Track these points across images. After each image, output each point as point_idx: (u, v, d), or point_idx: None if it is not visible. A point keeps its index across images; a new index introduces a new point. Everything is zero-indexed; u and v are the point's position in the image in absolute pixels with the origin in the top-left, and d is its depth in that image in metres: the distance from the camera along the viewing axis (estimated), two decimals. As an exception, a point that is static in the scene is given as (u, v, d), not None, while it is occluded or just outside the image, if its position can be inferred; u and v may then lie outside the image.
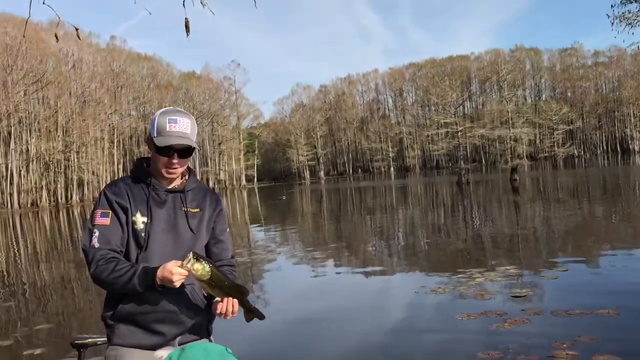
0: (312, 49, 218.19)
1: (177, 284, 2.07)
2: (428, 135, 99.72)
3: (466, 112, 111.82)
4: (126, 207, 2.25)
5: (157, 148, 2.27)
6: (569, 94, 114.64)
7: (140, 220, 2.24)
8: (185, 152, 2.28)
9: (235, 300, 2.17)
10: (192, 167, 2.52)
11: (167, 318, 2.22)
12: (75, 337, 2.74)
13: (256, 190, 61.42)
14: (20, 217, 47.31)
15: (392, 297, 7.39)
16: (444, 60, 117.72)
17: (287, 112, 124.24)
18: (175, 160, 2.27)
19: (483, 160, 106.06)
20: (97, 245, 2.19)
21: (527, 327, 5.43)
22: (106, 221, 2.23)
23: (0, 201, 59.80)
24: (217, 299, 2.18)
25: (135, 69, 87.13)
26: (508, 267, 8.38)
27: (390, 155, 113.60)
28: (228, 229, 2.51)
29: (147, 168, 2.37)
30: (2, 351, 6.15)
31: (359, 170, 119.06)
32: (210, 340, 2.38)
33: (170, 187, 2.35)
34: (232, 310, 2.17)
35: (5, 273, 13.27)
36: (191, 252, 2.05)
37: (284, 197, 42.86)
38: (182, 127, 2.26)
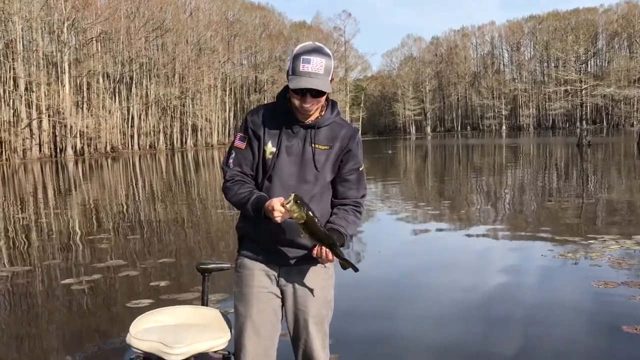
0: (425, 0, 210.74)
1: (277, 220, 2.16)
2: (546, 93, 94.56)
3: (589, 69, 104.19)
4: (259, 135, 2.34)
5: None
6: None
7: (269, 150, 2.32)
8: (317, 92, 2.23)
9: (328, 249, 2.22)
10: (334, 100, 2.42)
11: (280, 242, 2.33)
12: (200, 262, 2.90)
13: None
14: (139, 158, 50.38)
15: (518, 259, 6.91)
16: (568, 13, 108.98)
17: (396, 64, 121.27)
18: (307, 104, 2.24)
19: (604, 122, 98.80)
20: (231, 165, 2.38)
21: (678, 302, 4.84)
22: (242, 145, 2.37)
23: (122, 142, 63.88)
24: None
25: (249, 19, 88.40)
26: (647, 236, 7.60)
27: (503, 112, 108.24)
28: (361, 168, 2.43)
29: (288, 98, 2.33)
30: (130, 281, 6.43)
31: (468, 127, 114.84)
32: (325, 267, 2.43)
33: (305, 120, 2.33)
34: (326, 257, 2.22)
35: (126, 209, 14.09)
36: (293, 194, 2.11)
37: (389, 152, 42.35)
38: (315, 67, 2.20)
